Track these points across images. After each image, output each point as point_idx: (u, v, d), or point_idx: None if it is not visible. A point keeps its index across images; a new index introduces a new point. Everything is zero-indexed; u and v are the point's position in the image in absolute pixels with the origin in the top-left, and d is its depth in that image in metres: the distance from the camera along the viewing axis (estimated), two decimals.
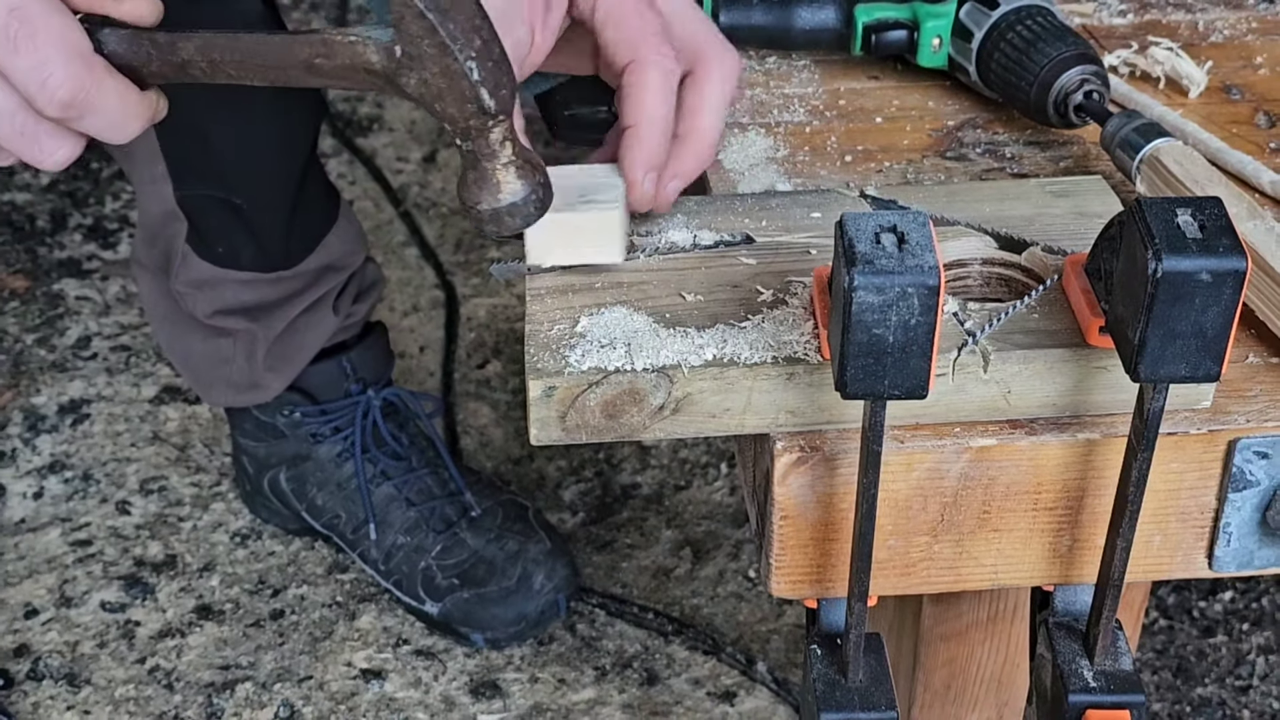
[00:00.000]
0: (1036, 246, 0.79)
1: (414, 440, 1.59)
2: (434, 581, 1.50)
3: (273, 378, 1.52)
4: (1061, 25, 0.94)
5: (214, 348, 1.52)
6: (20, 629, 1.55)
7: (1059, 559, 0.77)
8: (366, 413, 1.57)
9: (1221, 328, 0.64)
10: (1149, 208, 0.65)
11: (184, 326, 1.52)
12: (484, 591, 1.49)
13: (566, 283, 0.78)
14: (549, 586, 1.50)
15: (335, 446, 1.57)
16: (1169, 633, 1.52)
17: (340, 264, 1.52)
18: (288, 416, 1.56)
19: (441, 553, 1.52)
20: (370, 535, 1.54)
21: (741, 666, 1.50)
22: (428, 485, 1.56)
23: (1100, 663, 0.76)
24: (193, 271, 1.45)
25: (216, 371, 1.54)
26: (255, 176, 1.41)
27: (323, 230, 1.49)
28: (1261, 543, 0.76)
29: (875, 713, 0.75)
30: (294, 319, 1.50)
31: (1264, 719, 1.43)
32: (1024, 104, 0.93)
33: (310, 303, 1.50)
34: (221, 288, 1.45)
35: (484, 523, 1.54)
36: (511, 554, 1.51)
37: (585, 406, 0.72)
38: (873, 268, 0.62)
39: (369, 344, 1.59)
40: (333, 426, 1.57)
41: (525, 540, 1.53)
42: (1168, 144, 0.86)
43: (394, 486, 1.55)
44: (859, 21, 0.99)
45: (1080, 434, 0.74)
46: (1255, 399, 0.75)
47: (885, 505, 0.74)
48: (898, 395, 0.65)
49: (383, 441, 1.57)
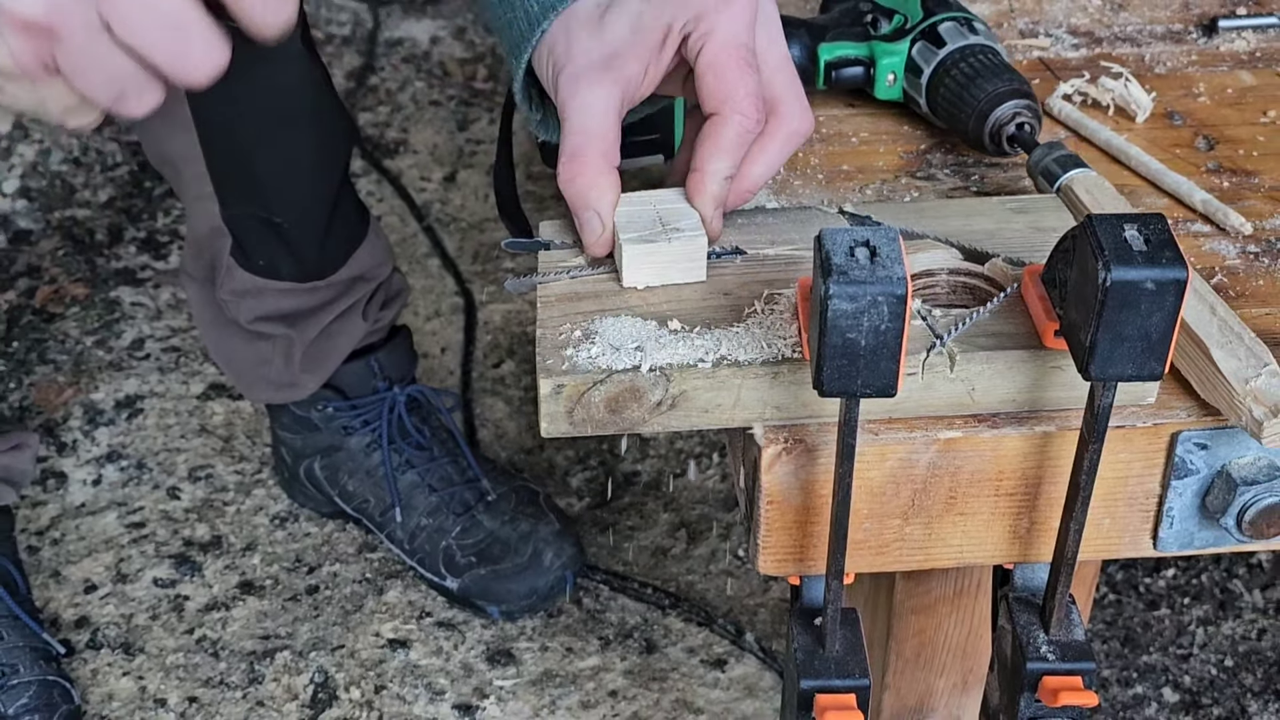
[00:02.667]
0: (998, 258, 0.79)
1: (435, 432, 1.59)
2: (454, 560, 1.50)
3: (308, 377, 1.52)
4: (1000, 63, 0.94)
5: (255, 350, 1.52)
6: (80, 603, 1.55)
7: (1018, 540, 0.77)
8: (393, 408, 1.57)
9: (1164, 331, 0.64)
10: (1099, 223, 0.65)
11: (228, 331, 1.52)
12: (499, 568, 1.49)
13: (573, 291, 0.78)
14: (558, 564, 1.50)
15: (365, 438, 1.57)
16: (1117, 606, 1.52)
17: (370, 275, 1.52)
18: (321, 411, 1.56)
19: (460, 533, 1.52)
20: (396, 518, 1.54)
21: (731, 637, 1.50)
22: (448, 473, 1.56)
23: (1055, 634, 0.76)
24: (236, 282, 1.45)
25: (257, 372, 1.54)
26: (294, 198, 1.41)
27: (354, 244, 1.49)
28: (1201, 525, 0.76)
29: (850, 680, 0.75)
30: (328, 325, 1.50)
31: (1203, 684, 1.43)
32: (965, 133, 0.94)
33: (342, 310, 1.50)
34: (262, 296, 1.45)
35: (499, 506, 1.54)
36: (524, 534, 1.51)
37: (590, 402, 0.72)
38: (847, 278, 0.62)
39: (395, 346, 1.59)
40: (362, 420, 1.57)
41: (536, 522, 1.53)
42: (1082, 174, 0.88)
43: (417, 474, 1.55)
44: (821, 59, 0.99)
45: (1037, 427, 0.74)
46: (1195, 395, 0.75)
47: (861, 491, 0.74)
48: (869, 393, 0.65)
49: (407, 433, 1.57)
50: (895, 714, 1.07)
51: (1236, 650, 1.47)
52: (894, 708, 1.06)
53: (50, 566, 1.58)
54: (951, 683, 1.05)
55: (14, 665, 1.39)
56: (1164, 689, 1.43)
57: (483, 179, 2.21)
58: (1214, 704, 1.41)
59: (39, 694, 1.38)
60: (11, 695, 1.37)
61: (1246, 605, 1.52)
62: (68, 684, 1.41)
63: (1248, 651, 1.47)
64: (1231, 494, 0.73)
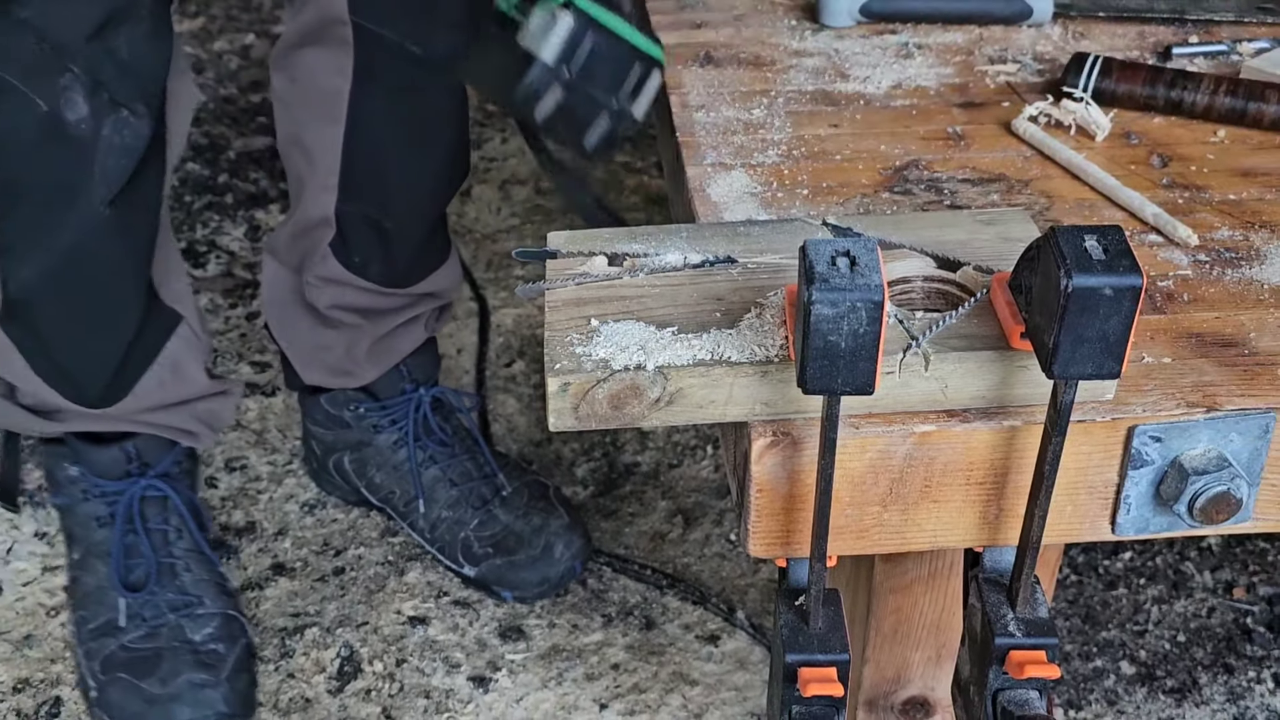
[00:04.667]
0: (969, 266, 0.79)
1: (456, 430, 1.59)
2: (471, 550, 1.50)
3: (367, 369, 1.52)
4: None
5: (321, 336, 1.50)
6: None
7: (987, 525, 0.77)
8: (418, 407, 1.56)
9: (1122, 333, 0.64)
10: (1061, 234, 0.65)
11: (299, 312, 1.50)
12: (513, 559, 1.49)
13: (579, 296, 0.78)
14: (567, 554, 1.50)
15: (392, 435, 1.56)
16: (1079, 586, 1.52)
17: (441, 294, 1.52)
18: (354, 411, 1.56)
19: (478, 526, 1.51)
20: (419, 509, 1.54)
21: (724, 614, 1.50)
22: (467, 468, 1.55)
23: (1021, 611, 0.76)
24: (327, 269, 1.43)
25: (318, 355, 1.52)
26: (408, 210, 1.41)
27: (437, 264, 1.49)
28: (1155, 512, 0.76)
29: (832, 655, 0.75)
30: (395, 327, 1.50)
31: (1157, 658, 1.43)
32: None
33: (410, 317, 1.50)
34: (346, 288, 1.44)
35: (513, 501, 1.53)
36: (536, 528, 1.51)
37: (594, 399, 0.72)
38: (828, 285, 0.62)
39: (423, 351, 1.58)
40: (390, 419, 1.56)
41: (547, 516, 1.52)
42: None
43: (440, 469, 1.55)
44: None
45: (1005, 422, 0.74)
46: (1150, 393, 0.75)
47: (843, 481, 0.74)
48: (849, 391, 0.65)
49: (431, 431, 1.56)
50: (874, 686, 1.07)
51: (1188, 627, 1.47)
52: (873, 680, 1.06)
53: None
54: (926, 656, 1.05)
55: (200, 596, 1.39)
56: (1121, 662, 1.43)
57: (495, 193, 2.21)
58: (1167, 676, 1.41)
59: (223, 625, 1.38)
60: (199, 624, 1.37)
61: (1197, 585, 1.52)
62: (244, 619, 1.42)
63: (1198, 628, 1.47)
64: (1183, 483, 0.74)
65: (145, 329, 1.32)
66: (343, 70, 1.28)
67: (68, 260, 1.22)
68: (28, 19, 1.06)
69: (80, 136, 1.14)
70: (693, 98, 1.10)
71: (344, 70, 1.28)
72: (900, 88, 1.12)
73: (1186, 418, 0.74)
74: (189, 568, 1.41)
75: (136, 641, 1.35)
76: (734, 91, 1.11)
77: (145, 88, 1.15)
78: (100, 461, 1.41)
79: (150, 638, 1.35)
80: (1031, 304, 0.68)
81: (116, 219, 1.20)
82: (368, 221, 1.40)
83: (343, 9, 1.23)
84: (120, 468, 1.41)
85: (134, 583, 1.38)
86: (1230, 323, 0.82)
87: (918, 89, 1.11)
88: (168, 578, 1.39)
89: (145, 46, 1.13)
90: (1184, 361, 0.78)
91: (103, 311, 1.28)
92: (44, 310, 1.26)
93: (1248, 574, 1.53)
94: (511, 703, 1.40)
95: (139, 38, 1.12)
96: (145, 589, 1.38)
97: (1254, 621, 1.47)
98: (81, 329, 1.28)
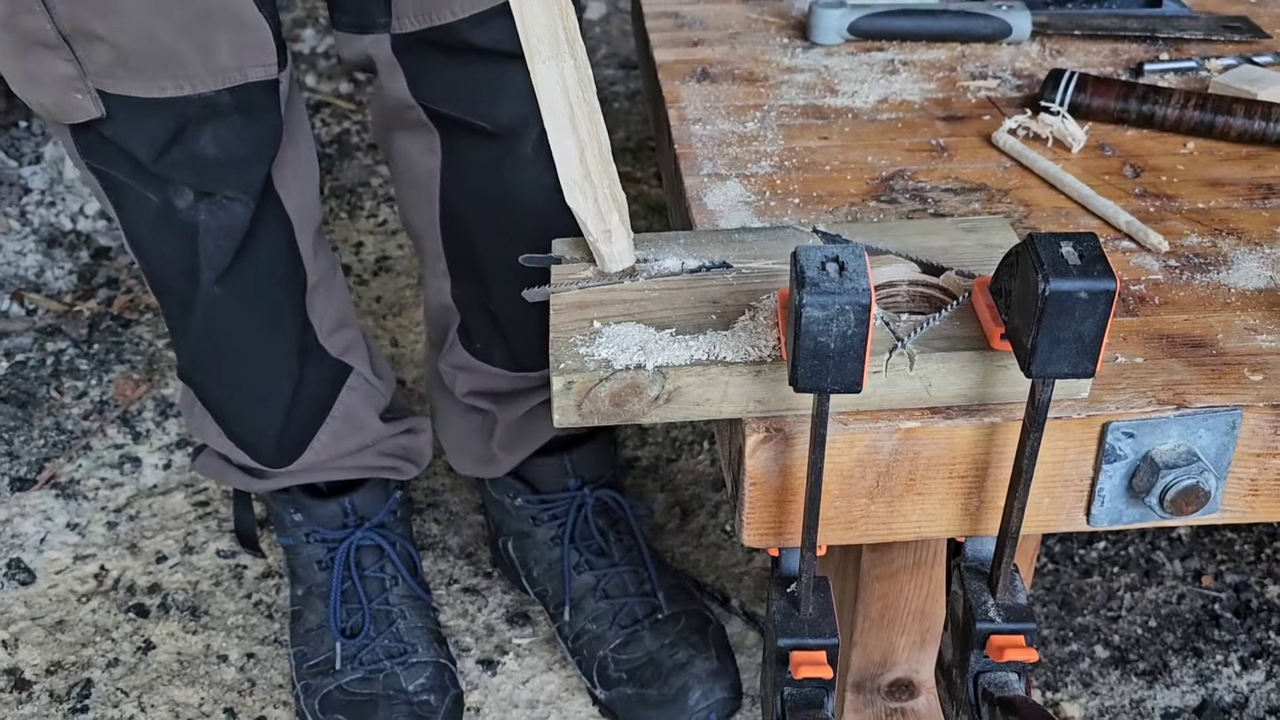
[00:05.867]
0: (951, 271, 0.79)
1: (621, 538, 1.42)
2: (607, 672, 1.35)
3: (505, 456, 1.41)
4: None
5: (466, 423, 1.42)
6: (153, 571, 1.55)
7: (969, 516, 0.77)
8: (580, 507, 1.42)
9: (1096, 335, 0.64)
10: (1039, 241, 0.65)
11: (447, 399, 1.43)
12: (645, 693, 1.32)
13: (582, 300, 0.78)
14: (702, 705, 1.30)
15: (550, 530, 1.43)
16: (1055, 574, 1.52)
17: None
18: (512, 499, 1.45)
19: (619, 647, 1.35)
20: (565, 615, 1.40)
21: (719, 601, 1.50)
22: (624, 581, 1.39)
23: (1001, 598, 0.76)
24: (457, 356, 1.37)
25: (464, 443, 1.44)
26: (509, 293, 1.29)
27: None
28: (1128, 504, 0.76)
29: (822, 639, 0.75)
30: (530, 408, 1.38)
31: (1130, 642, 1.43)
32: None
33: (546, 398, 1.37)
34: (477, 373, 1.36)
35: (664, 627, 1.35)
36: (679, 665, 1.31)
37: (597, 397, 0.72)
38: (818, 289, 0.62)
39: (592, 447, 1.45)
40: (550, 514, 1.43)
41: (694, 654, 1.32)
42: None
43: (594, 576, 1.39)
44: None
45: (986, 418, 0.74)
46: (1123, 391, 0.75)
47: (832, 474, 0.74)
48: (838, 390, 0.65)
49: (590, 536, 1.42)
50: (862, 668, 1.07)
51: (1159, 613, 1.47)
52: (861, 663, 1.06)
53: (127, 540, 1.59)
54: (911, 641, 1.05)
55: (414, 644, 1.35)
56: (1096, 646, 1.43)
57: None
58: (1139, 659, 1.41)
59: (434, 675, 1.33)
60: (412, 673, 1.32)
61: (1168, 573, 1.52)
62: (453, 668, 1.37)
63: (1169, 614, 1.47)
64: (1155, 477, 0.74)
65: (308, 388, 1.27)
66: (433, 149, 1.22)
67: (204, 338, 1.20)
68: (110, 136, 1.05)
69: (188, 222, 1.11)
70: (690, 111, 1.10)
71: (434, 149, 1.22)
72: (886, 102, 1.12)
73: (1157, 415, 0.74)
74: (404, 614, 1.37)
75: (353, 685, 1.32)
76: (729, 106, 1.11)
77: (240, 177, 1.11)
78: (321, 515, 1.38)
79: (366, 683, 1.32)
80: (1011, 307, 0.68)
81: (232, 297, 1.17)
82: (481, 306, 1.31)
83: (406, 94, 1.18)
84: (338, 520, 1.38)
85: (351, 628, 1.35)
86: (1199, 325, 0.82)
87: (903, 103, 1.11)
88: (383, 624, 1.35)
89: (235, 139, 1.08)
90: (1155, 361, 0.78)
91: (249, 382, 1.25)
92: (204, 384, 1.26)
93: (1215, 563, 1.53)
94: (518, 684, 1.40)
95: (226, 135, 1.07)
96: (362, 634, 1.34)
97: (1221, 607, 1.47)
98: (238, 398, 1.26)
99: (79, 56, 1.01)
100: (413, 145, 1.24)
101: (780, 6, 1.33)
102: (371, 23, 1.15)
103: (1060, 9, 1.29)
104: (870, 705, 1.09)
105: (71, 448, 1.72)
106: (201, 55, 1.02)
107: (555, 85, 0.74)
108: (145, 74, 1.01)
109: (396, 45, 1.15)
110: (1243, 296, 0.85)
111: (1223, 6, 1.32)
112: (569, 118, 0.75)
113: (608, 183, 0.78)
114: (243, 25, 1.03)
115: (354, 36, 1.17)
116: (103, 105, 1.03)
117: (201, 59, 1.02)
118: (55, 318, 1.96)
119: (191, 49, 1.02)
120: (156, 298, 1.22)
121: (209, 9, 1.00)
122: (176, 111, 1.04)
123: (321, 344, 1.28)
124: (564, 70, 0.74)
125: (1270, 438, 0.75)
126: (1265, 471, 0.76)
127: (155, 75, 1.02)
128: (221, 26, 1.02)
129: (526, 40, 0.73)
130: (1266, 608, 1.47)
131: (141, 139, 1.06)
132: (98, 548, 1.57)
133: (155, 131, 1.05)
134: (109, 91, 1.03)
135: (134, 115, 1.04)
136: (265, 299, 1.21)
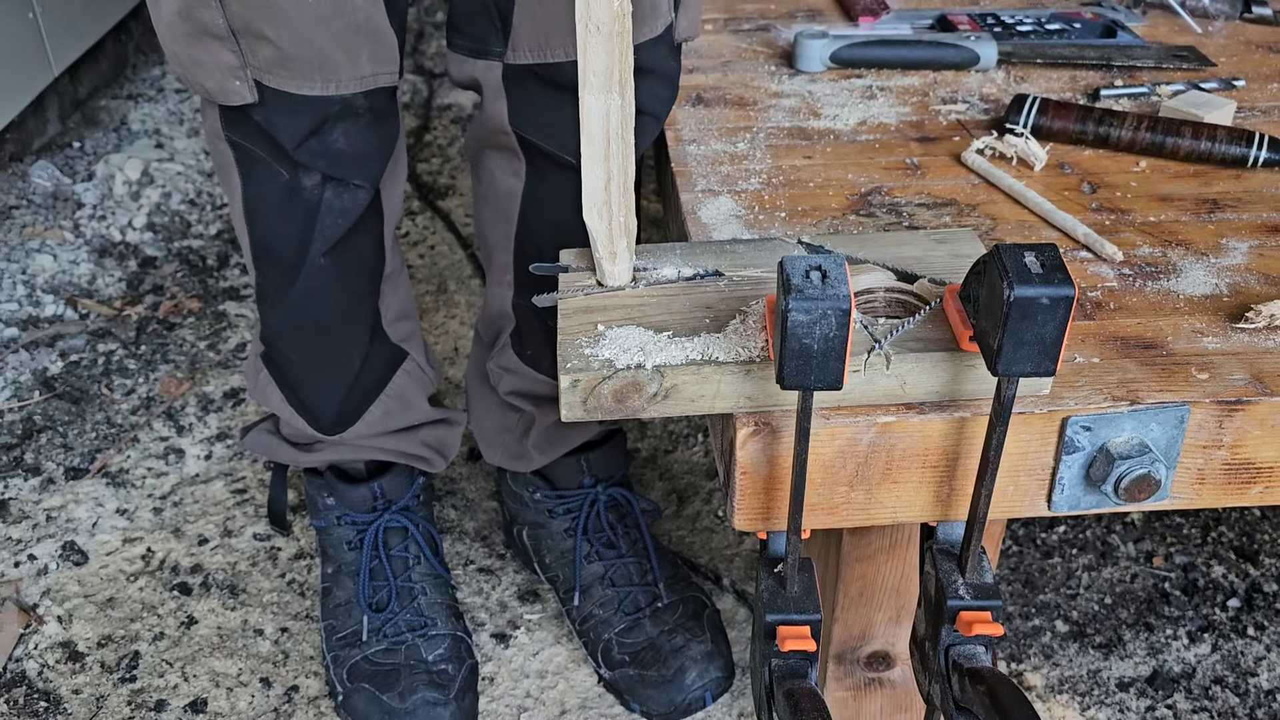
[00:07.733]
0: (925, 279, 0.79)
1: (628, 532, 1.42)
2: (611, 654, 1.36)
3: (536, 455, 1.41)
4: None
5: (502, 419, 1.42)
6: (195, 553, 1.55)
7: (941, 502, 0.77)
8: (593, 503, 1.43)
9: (1057, 337, 0.64)
10: (1004, 251, 0.65)
11: (486, 394, 1.43)
12: (646, 674, 1.32)
13: (586, 305, 0.78)
14: (698, 684, 1.30)
15: (564, 523, 1.42)
16: (1019, 555, 1.52)
17: None
18: (531, 493, 1.45)
19: (623, 631, 1.35)
20: (575, 600, 1.41)
21: (712, 580, 1.50)
22: (629, 572, 1.39)
23: (970, 577, 0.76)
24: (506, 359, 1.36)
25: (498, 437, 1.43)
26: None
27: None
28: (1086, 491, 0.76)
29: (806, 615, 0.75)
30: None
31: (1088, 617, 1.43)
32: None
33: None
34: (522, 376, 1.36)
35: (664, 615, 1.36)
36: (676, 648, 1.33)
37: (601, 394, 0.72)
38: (803, 295, 0.62)
39: (607, 449, 1.44)
40: (566, 508, 1.44)
41: (691, 638, 1.33)
42: None
43: (602, 566, 1.40)
44: None
45: (956, 413, 0.74)
46: (1081, 388, 0.75)
47: (815, 464, 0.74)
48: (821, 387, 0.65)
49: (601, 529, 1.42)
50: (842, 642, 1.07)
51: (1114, 591, 1.47)
52: (841, 637, 1.06)
53: (171, 524, 1.58)
54: (888, 616, 1.05)
55: (434, 619, 1.35)
56: (1056, 622, 1.43)
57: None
58: (1096, 633, 1.41)
59: (452, 647, 1.33)
60: (431, 644, 1.32)
61: (1122, 555, 1.52)
62: (470, 640, 1.37)
63: (1123, 592, 1.47)
64: (1110, 466, 0.74)
65: (371, 364, 1.29)
66: (518, 173, 1.22)
67: (299, 306, 1.21)
68: (258, 120, 1.08)
69: (311, 200, 1.13)
70: (685, 133, 1.10)
71: (519, 173, 1.22)
72: (865, 124, 1.12)
73: (1113, 410, 0.74)
74: (425, 591, 1.37)
75: (378, 655, 1.32)
76: (721, 128, 1.11)
77: (364, 168, 1.13)
78: (352, 498, 1.39)
79: (390, 653, 1.32)
80: (979, 311, 0.68)
81: (332, 268, 1.18)
82: (538, 318, 1.31)
83: (504, 121, 1.18)
84: (368, 504, 1.39)
85: (377, 603, 1.36)
86: (1150, 328, 0.82)
87: (880, 125, 1.11)
88: (406, 599, 1.36)
89: (362, 138, 1.10)
90: (1110, 361, 0.78)
91: (328, 350, 1.26)
92: (286, 349, 1.26)
93: (1166, 545, 1.53)
94: (529, 656, 1.40)
95: (355, 132, 1.10)
96: (387, 609, 1.35)
97: (1170, 586, 1.47)
98: (313, 365, 1.27)
99: (243, 50, 1.04)
100: (500, 166, 1.24)
101: (768, 37, 1.33)
102: (487, 50, 1.14)
103: (1024, 39, 1.29)
104: (850, 675, 1.09)
105: (121, 440, 1.72)
106: (349, 61, 1.05)
107: (599, 117, 0.74)
108: (300, 73, 1.04)
109: (506, 74, 1.14)
110: (1190, 302, 0.85)
111: (1172, 37, 1.32)
112: (604, 148, 0.75)
113: (624, 212, 0.78)
114: (380, 38, 1.06)
115: (467, 60, 1.17)
116: (257, 94, 1.06)
117: (349, 65, 1.05)
118: (106, 321, 1.96)
119: (342, 56, 1.04)
120: (254, 267, 1.23)
121: (358, 23, 1.03)
122: (320, 108, 1.07)
123: (385, 329, 1.30)
124: (610, 106, 0.74)
125: (1215, 431, 0.75)
126: (1211, 462, 0.76)
127: (309, 75, 1.04)
128: (366, 38, 1.05)
129: (584, 72, 0.73)
130: (1212, 586, 1.47)
131: (286, 127, 1.08)
132: (145, 531, 1.57)
133: (300, 123, 1.08)
134: (266, 84, 1.05)
135: (284, 106, 1.07)
136: (357, 279, 1.23)
